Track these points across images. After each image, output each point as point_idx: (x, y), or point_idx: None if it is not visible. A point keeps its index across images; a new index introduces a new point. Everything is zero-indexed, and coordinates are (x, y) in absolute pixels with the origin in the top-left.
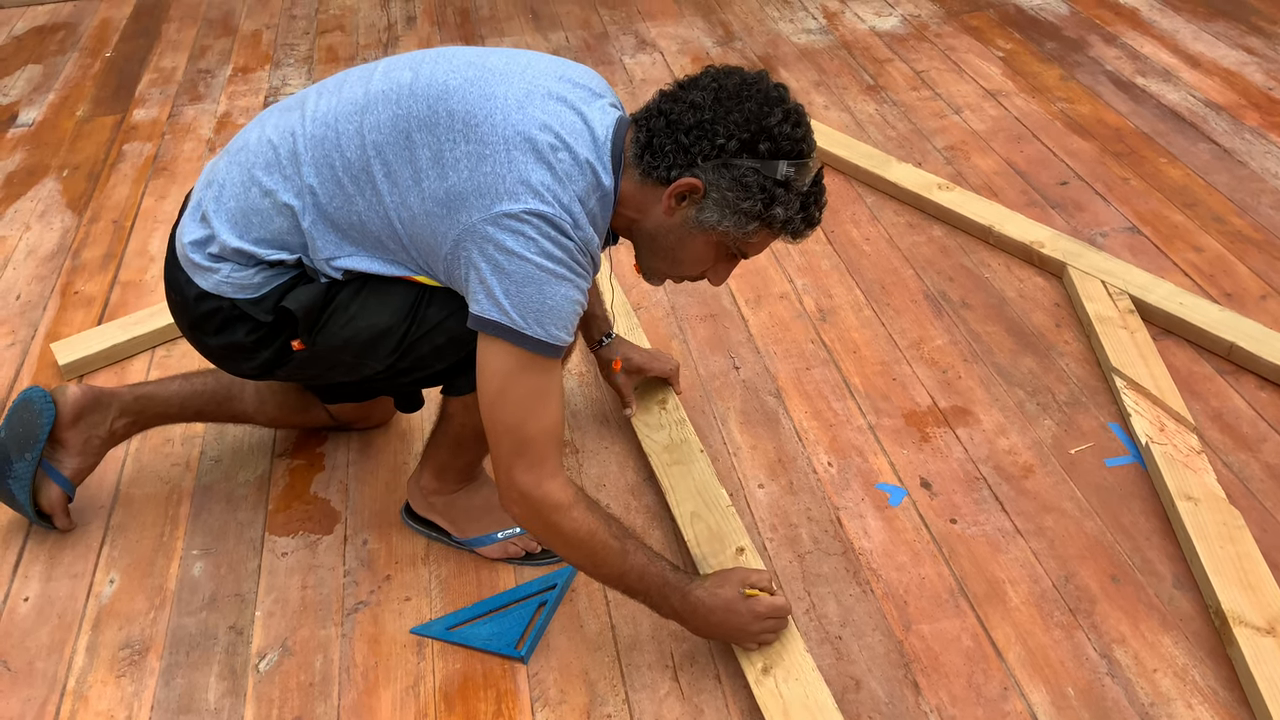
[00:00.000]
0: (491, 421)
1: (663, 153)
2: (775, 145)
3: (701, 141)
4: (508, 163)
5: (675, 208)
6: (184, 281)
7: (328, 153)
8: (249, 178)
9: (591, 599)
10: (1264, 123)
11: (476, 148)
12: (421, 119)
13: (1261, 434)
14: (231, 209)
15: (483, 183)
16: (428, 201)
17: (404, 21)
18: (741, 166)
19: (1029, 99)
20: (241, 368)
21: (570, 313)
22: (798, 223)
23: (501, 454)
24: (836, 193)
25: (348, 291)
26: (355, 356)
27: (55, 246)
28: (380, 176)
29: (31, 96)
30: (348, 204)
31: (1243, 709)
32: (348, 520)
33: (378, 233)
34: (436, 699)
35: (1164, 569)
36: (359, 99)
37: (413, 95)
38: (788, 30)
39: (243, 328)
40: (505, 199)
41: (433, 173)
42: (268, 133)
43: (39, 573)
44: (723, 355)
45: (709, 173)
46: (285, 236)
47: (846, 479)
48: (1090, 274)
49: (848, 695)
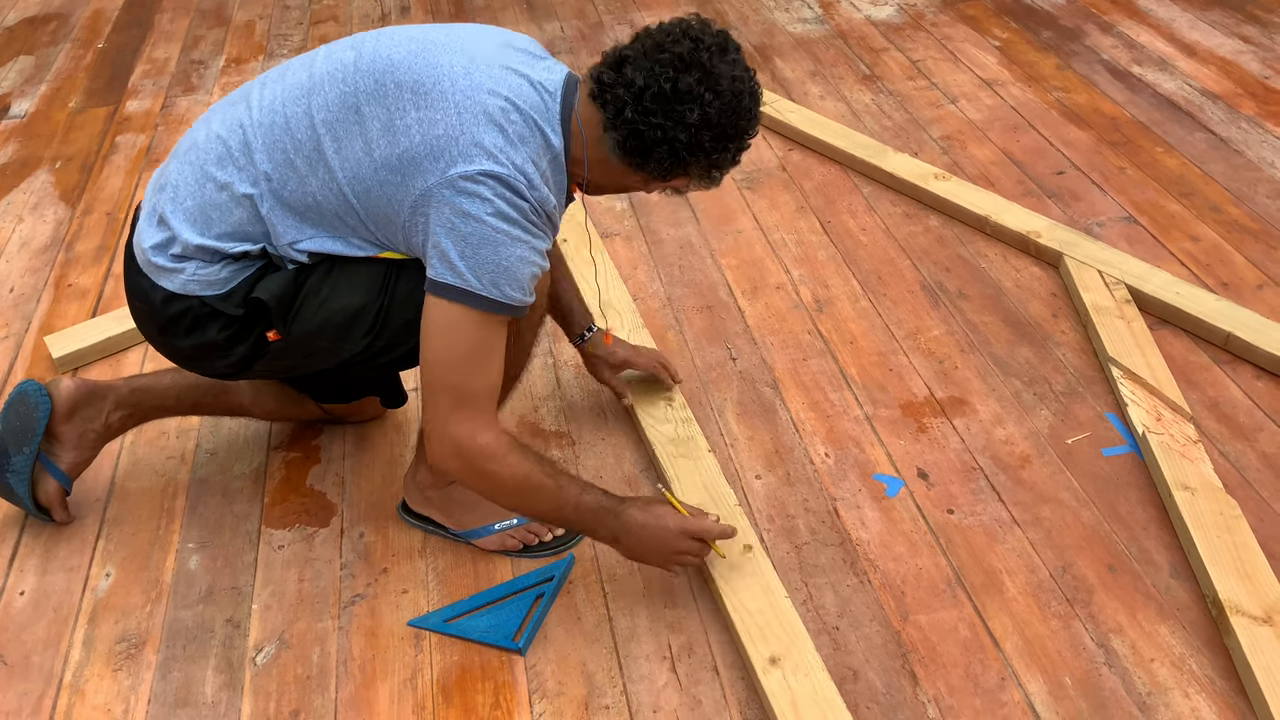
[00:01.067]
0: (433, 378)
1: (658, 159)
2: (743, 144)
3: (699, 157)
4: (459, 126)
5: (648, 181)
6: (149, 287)
7: (278, 138)
8: (203, 174)
9: (589, 591)
10: (1260, 111)
11: (427, 113)
12: (369, 92)
13: (1258, 423)
14: (189, 208)
15: (435, 146)
16: (381, 170)
17: (398, 11)
18: (717, 159)
19: (1025, 88)
20: (217, 366)
21: (527, 274)
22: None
23: (439, 409)
24: (833, 183)
25: (317, 275)
26: (331, 340)
27: (49, 239)
28: (331, 153)
29: (23, 88)
30: (302, 185)
31: (1239, 698)
32: (344, 513)
33: (334, 210)
34: (434, 691)
35: (1161, 559)
36: (304, 83)
37: (358, 72)
38: (783, 19)
39: (214, 325)
40: (459, 161)
41: (384, 141)
42: (215, 129)
43: (35, 566)
44: (719, 346)
45: (694, 167)
46: (246, 227)
47: (843, 470)
48: (1087, 264)
49: (845, 685)
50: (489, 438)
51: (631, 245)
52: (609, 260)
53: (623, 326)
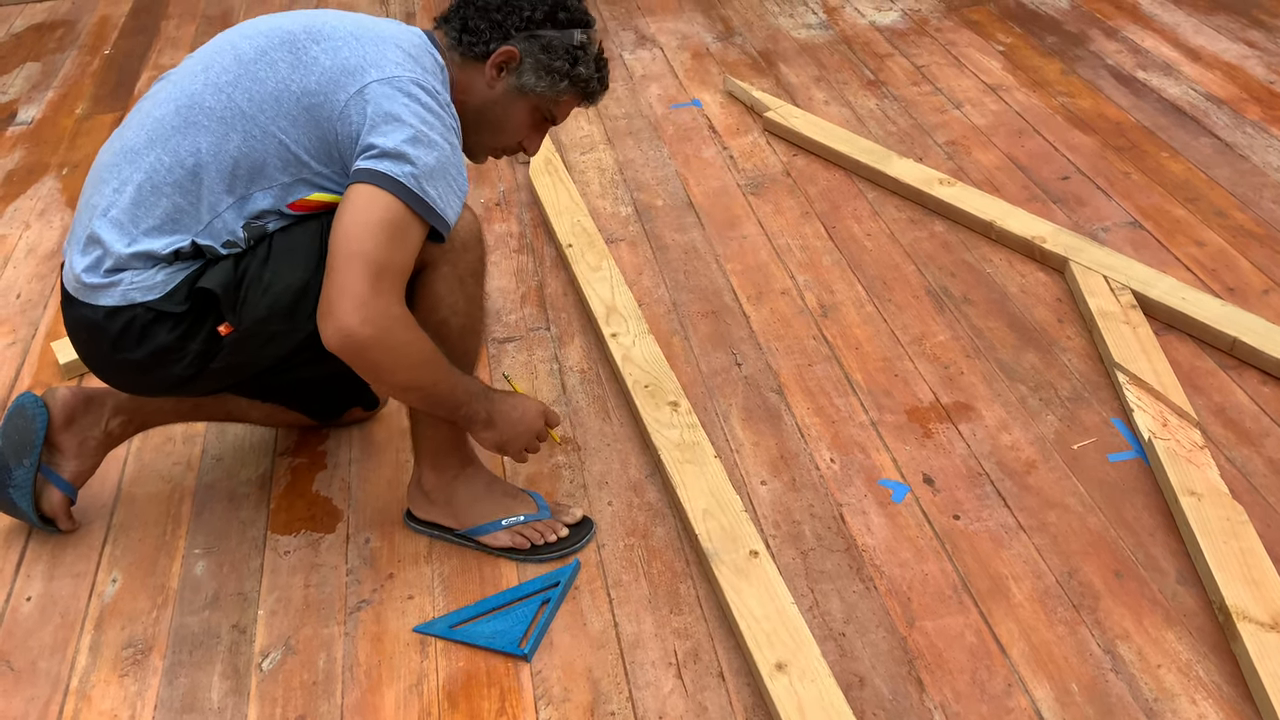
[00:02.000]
0: (347, 247)
1: (479, 31)
2: (570, 15)
3: (511, 15)
4: (362, 46)
5: (496, 79)
6: (89, 311)
7: (189, 117)
8: (118, 181)
9: (595, 597)
10: (1265, 116)
11: (329, 44)
12: (266, 47)
13: (1264, 429)
14: (114, 216)
15: (349, 63)
16: (303, 97)
17: (402, 18)
18: (546, 35)
19: (1030, 93)
20: (172, 373)
21: (447, 177)
22: (595, 83)
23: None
24: (837, 188)
25: (255, 263)
26: (283, 322)
27: (55, 245)
28: (244, 103)
29: (30, 94)
30: (224, 145)
31: (1247, 704)
32: (350, 518)
33: (265, 155)
34: (440, 697)
35: (1167, 564)
36: (194, 68)
37: (245, 38)
38: (788, 25)
39: (163, 328)
40: (373, 70)
41: (298, 75)
42: (115, 146)
43: (41, 572)
44: (724, 352)
45: (521, 42)
46: (175, 214)
47: (849, 475)
48: (1092, 269)
49: (852, 692)
50: (400, 310)
51: (637, 250)
52: (614, 265)
53: (628, 332)
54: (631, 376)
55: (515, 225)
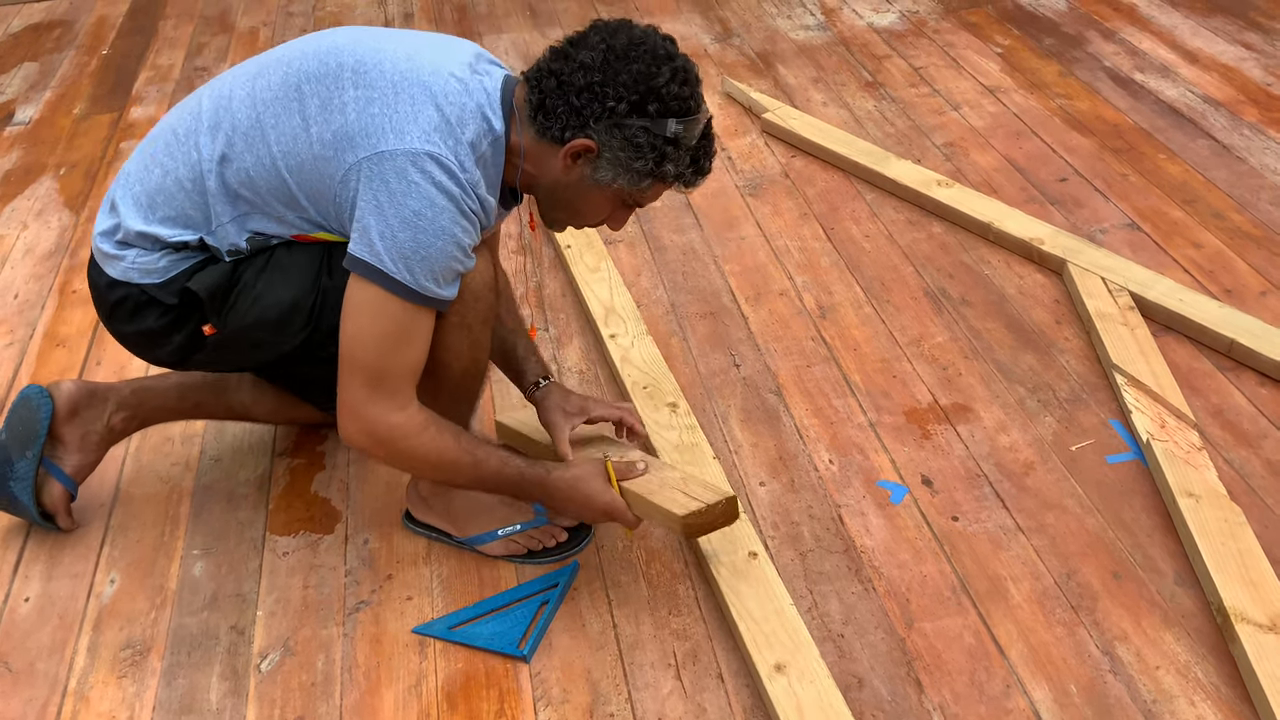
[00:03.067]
0: (348, 355)
1: (555, 114)
2: (664, 105)
3: (593, 104)
4: (395, 104)
5: (571, 166)
6: (96, 274)
7: (220, 120)
8: (150, 161)
9: (594, 598)
10: (1263, 118)
11: (365, 92)
12: (311, 73)
13: (1262, 430)
14: (136, 193)
15: (370, 124)
16: (315, 146)
17: (401, 18)
18: (632, 126)
19: (1028, 95)
20: (159, 355)
21: (446, 264)
22: (688, 175)
23: (352, 388)
24: (836, 189)
25: (252, 271)
26: (268, 333)
27: (53, 245)
28: (269, 128)
29: (28, 94)
30: (239, 162)
31: (1245, 705)
32: (348, 519)
33: (269, 188)
34: (439, 698)
35: (1165, 566)
36: (252, 70)
37: (304, 55)
38: (786, 26)
39: (152, 313)
40: (391, 137)
41: (320, 119)
42: (169, 121)
43: (39, 573)
44: (723, 353)
45: (601, 133)
46: (188, 212)
47: (848, 477)
48: (1090, 270)
49: (850, 693)
50: (400, 418)
51: (635, 251)
52: (613, 266)
53: (627, 333)
54: (630, 378)
55: (514, 226)
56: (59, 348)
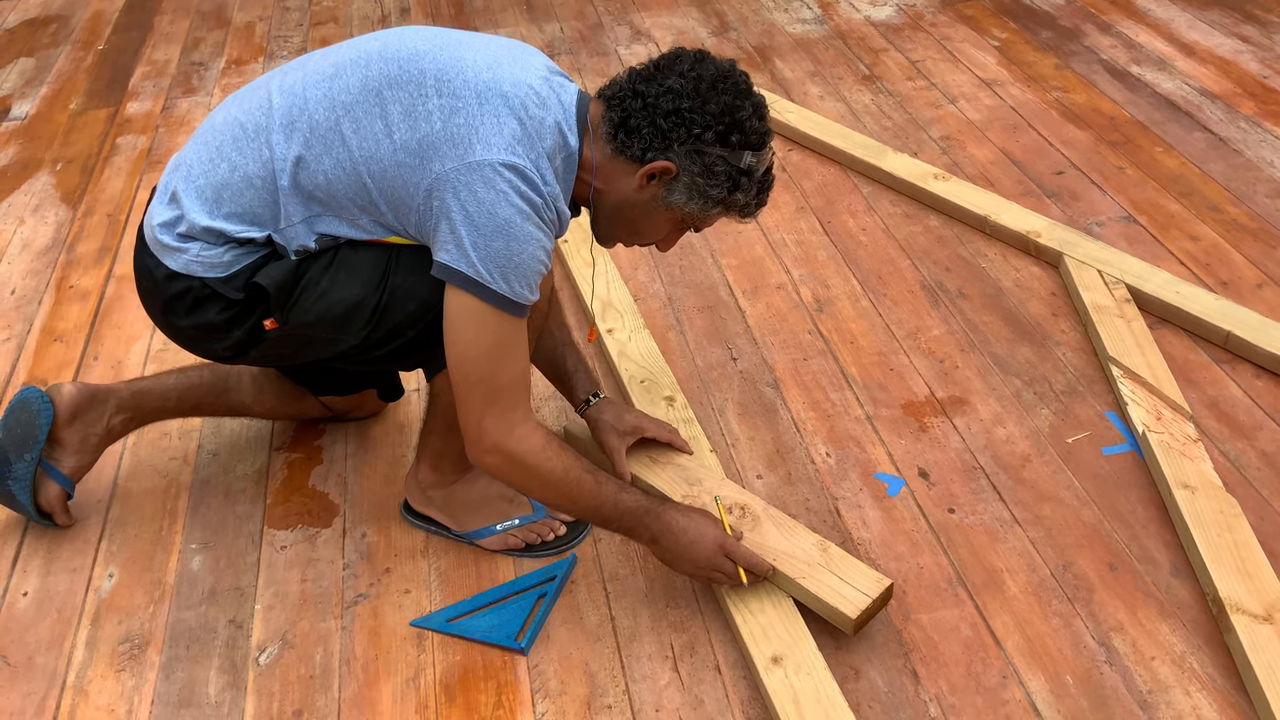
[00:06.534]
0: (461, 373)
1: (639, 133)
2: (744, 137)
3: (679, 129)
4: (480, 115)
5: (645, 185)
6: (153, 265)
7: (295, 119)
8: (217, 154)
9: (591, 591)
10: (1259, 111)
11: (449, 101)
12: (392, 78)
13: (1258, 422)
14: (201, 186)
15: (456, 133)
16: (399, 152)
17: (398, 13)
18: (712, 155)
19: (1024, 88)
20: (214, 349)
21: (534, 269)
22: (752, 206)
23: (472, 406)
24: (833, 183)
25: (318, 267)
26: (329, 332)
27: (50, 241)
28: (349, 132)
29: (24, 90)
30: (317, 166)
31: (1240, 696)
32: (346, 513)
33: (346, 192)
34: (437, 691)
35: (1161, 557)
36: (327, 69)
37: (383, 59)
38: (782, 20)
39: (214, 307)
40: (478, 148)
41: (404, 125)
42: (234, 113)
43: (38, 567)
44: (720, 346)
45: (682, 157)
46: (256, 209)
47: (844, 469)
48: (1086, 263)
49: (847, 684)
50: (525, 432)
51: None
52: (610, 260)
53: (624, 327)
54: (627, 372)
55: None
56: (56, 343)
